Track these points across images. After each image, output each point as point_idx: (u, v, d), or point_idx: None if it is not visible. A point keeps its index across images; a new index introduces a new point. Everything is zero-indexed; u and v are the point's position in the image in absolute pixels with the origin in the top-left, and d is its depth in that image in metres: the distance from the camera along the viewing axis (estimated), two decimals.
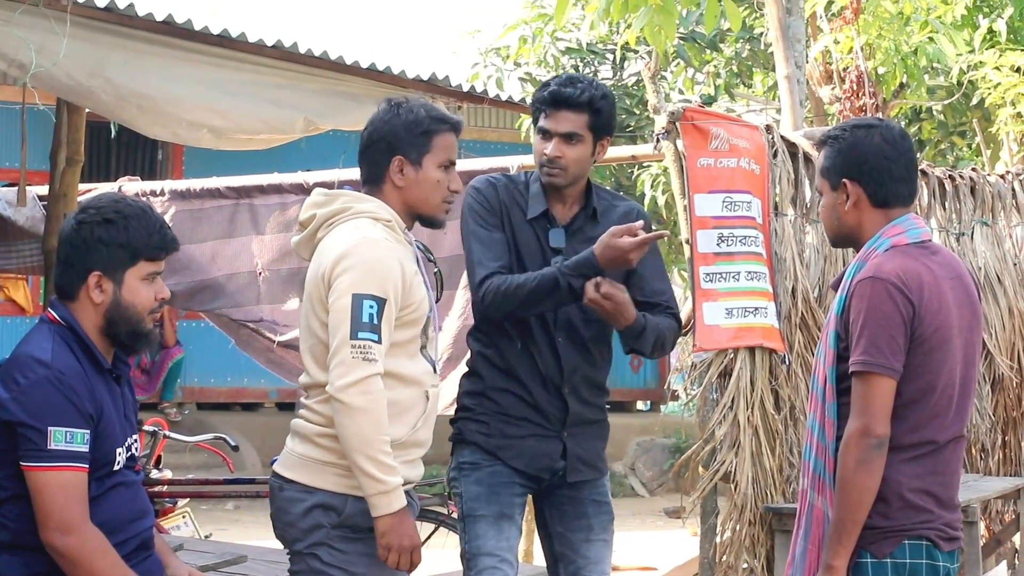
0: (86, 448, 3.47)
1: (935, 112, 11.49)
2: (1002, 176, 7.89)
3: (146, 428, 7.18)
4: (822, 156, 3.81)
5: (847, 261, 5.47)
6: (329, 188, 4.06)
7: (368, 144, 3.98)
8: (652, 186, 11.08)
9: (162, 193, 8.05)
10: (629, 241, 4.15)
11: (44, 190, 8.10)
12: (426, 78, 7.22)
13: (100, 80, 6.14)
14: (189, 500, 7.79)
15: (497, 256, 4.30)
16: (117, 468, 3.59)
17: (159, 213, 3.73)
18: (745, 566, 6.02)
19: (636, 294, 4.38)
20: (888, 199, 3.73)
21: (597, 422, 4.46)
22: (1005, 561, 7.87)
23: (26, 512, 3.46)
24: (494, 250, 4.30)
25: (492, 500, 4.30)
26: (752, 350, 6.00)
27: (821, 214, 3.86)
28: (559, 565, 4.42)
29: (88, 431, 3.47)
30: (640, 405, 17.21)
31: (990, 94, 9.41)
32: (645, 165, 11.02)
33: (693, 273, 5.99)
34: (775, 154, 6.29)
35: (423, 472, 4.04)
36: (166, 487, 7.40)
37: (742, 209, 6.03)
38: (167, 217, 7.50)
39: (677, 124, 6.05)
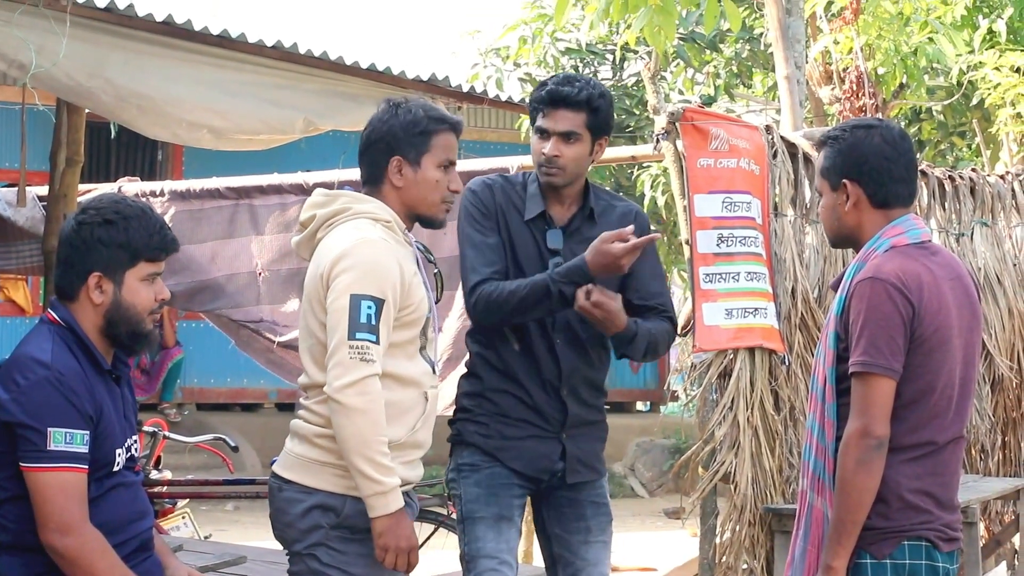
0: (86, 449, 3.46)
1: (935, 112, 11.49)
2: (1002, 177, 7.89)
3: (146, 429, 7.18)
4: (822, 156, 3.81)
5: (847, 262, 5.47)
6: (329, 189, 4.06)
7: (367, 145, 3.98)
8: (652, 187, 11.08)
9: (162, 193, 8.06)
10: (620, 247, 4.14)
11: (44, 190, 8.10)
12: (426, 78, 7.22)
13: (100, 80, 6.14)
14: (189, 501, 7.79)
15: (490, 261, 4.28)
16: (117, 469, 3.59)
17: (159, 214, 3.73)
18: (745, 567, 6.01)
19: (631, 296, 4.38)
20: (888, 200, 3.73)
21: (596, 423, 4.45)
22: (1005, 562, 7.87)
23: (26, 513, 3.46)
24: (487, 255, 4.29)
25: (491, 502, 4.29)
26: (752, 351, 6.00)
27: (821, 214, 3.86)
28: (557, 567, 4.41)
29: (88, 432, 3.47)
30: (640, 406, 17.21)
31: (990, 94, 9.40)
32: (645, 165, 11.02)
33: (693, 274, 5.99)
34: (775, 155, 6.29)
35: (422, 473, 4.03)
36: (166, 488, 7.40)
37: (742, 210, 6.03)
38: (167, 217, 7.50)
39: (677, 124, 6.04)
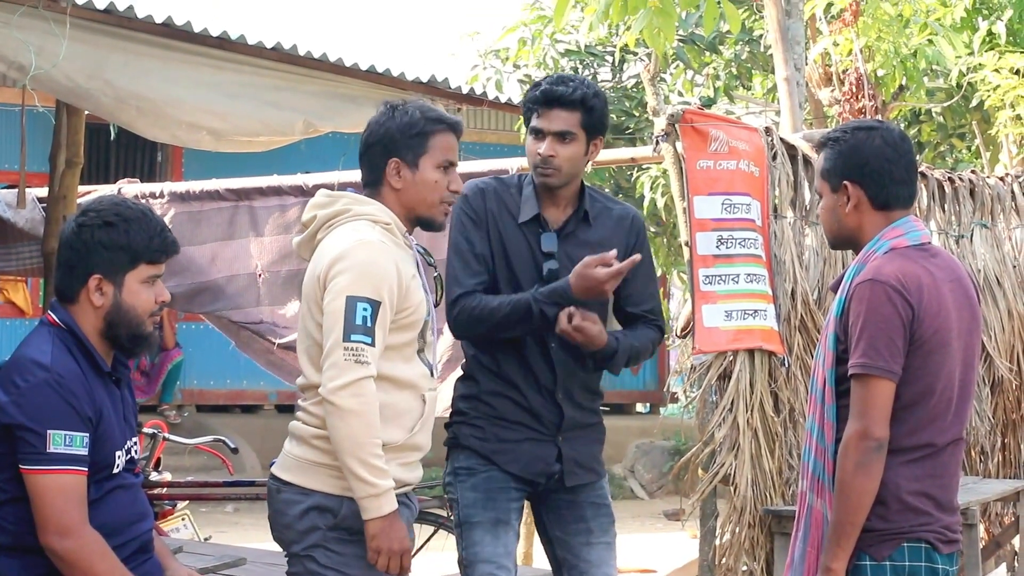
0: (85, 451, 3.46)
1: (934, 114, 11.49)
2: (1001, 178, 7.90)
3: (145, 430, 7.17)
4: (822, 158, 3.80)
5: (846, 263, 5.47)
6: (330, 190, 4.06)
7: (366, 147, 3.98)
8: (651, 188, 11.07)
9: (161, 195, 8.06)
10: (604, 272, 4.14)
11: (44, 192, 8.10)
12: (425, 80, 7.22)
13: (99, 82, 6.14)
14: (188, 502, 7.78)
15: (475, 272, 4.27)
16: (116, 471, 3.59)
17: (159, 216, 3.73)
18: (745, 568, 6.01)
19: (624, 303, 4.39)
20: (889, 201, 3.73)
21: (592, 425, 4.44)
22: (1005, 563, 7.87)
23: (26, 515, 3.46)
24: (472, 266, 4.28)
25: (488, 506, 4.28)
26: (751, 352, 6.00)
27: (821, 216, 3.85)
28: (562, 570, 4.39)
29: (87, 434, 3.47)
30: (639, 407, 17.21)
31: (989, 96, 9.41)
32: (644, 167, 11.01)
33: (692, 275, 5.99)
34: (774, 156, 6.29)
35: (422, 474, 4.02)
36: (165, 489, 7.39)
37: (741, 211, 6.03)
38: (166, 219, 7.47)
39: (676, 126, 6.05)
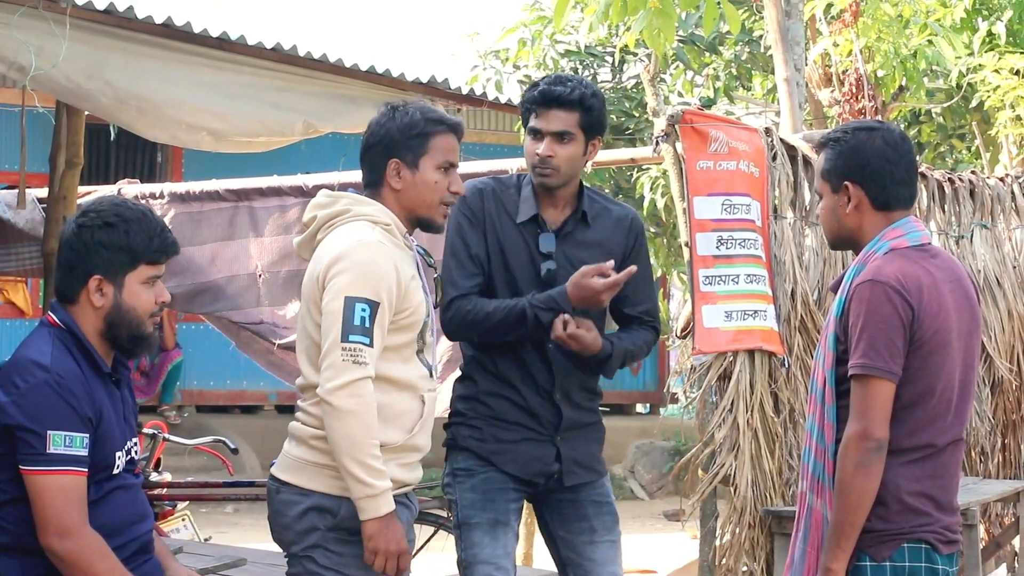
0: (85, 452, 3.47)
1: (934, 115, 11.49)
2: (1001, 179, 7.89)
3: (145, 431, 7.17)
4: (822, 158, 3.80)
5: (846, 264, 5.46)
6: (331, 191, 4.06)
7: (366, 148, 3.98)
8: (651, 189, 11.07)
9: (161, 196, 8.06)
10: (601, 282, 4.15)
11: (43, 192, 8.10)
12: (425, 80, 7.22)
13: (99, 82, 6.13)
14: (188, 503, 7.78)
15: (470, 274, 4.28)
16: (116, 472, 3.59)
17: (159, 216, 3.73)
18: (745, 569, 6.01)
19: (621, 305, 4.39)
20: (889, 202, 3.73)
21: (590, 425, 4.44)
22: (1005, 564, 7.87)
23: (25, 515, 3.46)
24: (468, 267, 4.29)
25: (487, 507, 4.28)
26: (751, 353, 6.00)
27: (821, 216, 3.85)
28: (568, 569, 4.38)
29: (87, 435, 3.47)
30: (639, 408, 17.21)
31: (989, 97, 9.40)
32: (644, 168, 11.00)
33: (692, 276, 5.99)
34: (774, 157, 6.29)
35: (421, 475, 4.02)
36: (165, 490, 7.39)
37: (741, 212, 6.03)
38: (166, 220, 7.49)
39: (676, 127, 6.04)
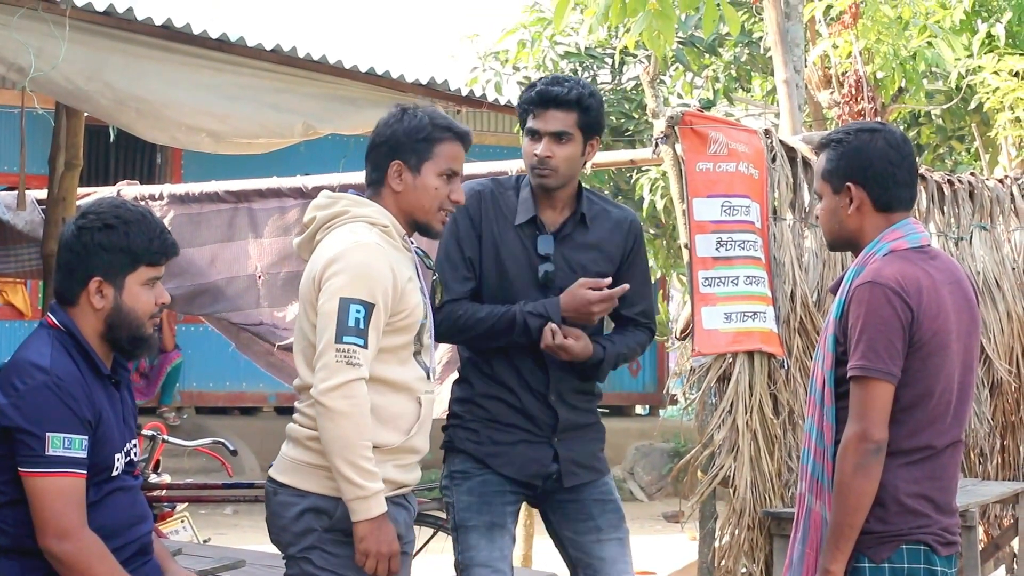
0: (84, 454, 3.47)
1: (934, 116, 11.48)
2: (1001, 180, 7.90)
3: (145, 432, 7.17)
4: (823, 159, 3.79)
5: (845, 265, 5.47)
6: (331, 192, 4.06)
7: (371, 146, 3.99)
8: (651, 190, 11.07)
9: (161, 197, 8.05)
10: (595, 294, 4.18)
11: (43, 194, 8.09)
12: (425, 82, 7.20)
13: (99, 84, 6.13)
14: (188, 504, 7.76)
15: (463, 279, 4.30)
16: (116, 473, 3.59)
17: (159, 217, 3.73)
18: (744, 570, 6.01)
19: (617, 306, 4.38)
20: (891, 203, 3.73)
21: (589, 425, 4.43)
22: (1004, 566, 7.87)
23: (24, 517, 3.46)
24: (461, 271, 4.30)
25: (483, 510, 4.28)
26: (751, 354, 6.00)
27: (820, 217, 3.84)
28: (578, 570, 4.38)
29: (86, 437, 3.47)
30: (639, 409, 17.21)
31: (989, 98, 9.40)
32: (644, 169, 11.01)
33: (692, 278, 5.99)
34: (774, 158, 6.28)
35: (420, 476, 4.02)
36: (165, 491, 7.38)
37: (741, 213, 6.02)
38: (166, 221, 7.47)
39: (676, 128, 6.04)
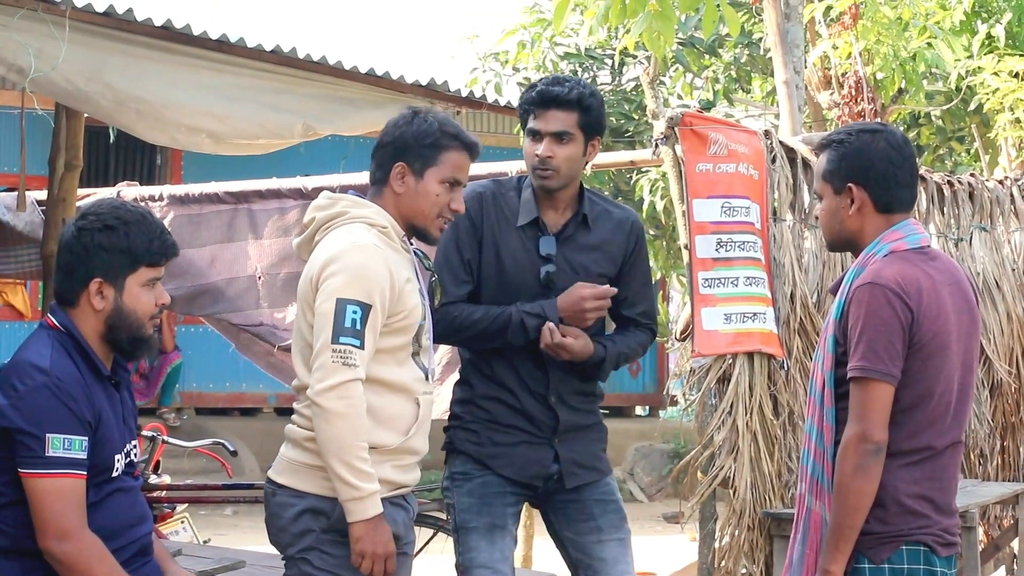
0: (84, 455, 3.47)
1: (934, 117, 11.49)
2: (1000, 181, 7.90)
3: (144, 433, 7.17)
4: (824, 159, 3.79)
5: (845, 266, 5.46)
6: (331, 192, 4.06)
7: (379, 145, 4.00)
8: (651, 191, 11.08)
9: (161, 198, 8.05)
10: (589, 290, 4.20)
11: (43, 195, 8.09)
12: (425, 83, 7.20)
13: (99, 85, 6.13)
14: (188, 505, 7.77)
15: (461, 281, 4.30)
16: (116, 474, 3.59)
17: (158, 218, 3.73)
18: (744, 571, 6.01)
19: (620, 306, 4.40)
20: (892, 204, 3.73)
21: (590, 426, 4.43)
22: (1004, 567, 7.87)
23: (24, 518, 3.46)
24: (459, 274, 4.30)
25: (484, 511, 4.28)
26: (751, 355, 6.00)
27: (821, 217, 3.84)
28: (579, 571, 4.37)
29: (86, 438, 3.47)
30: (639, 410, 17.22)
31: (988, 99, 9.40)
32: (644, 170, 11.01)
33: (692, 278, 5.98)
34: (774, 159, 6.28)
35: (419, 476, 4.01)
36: (165, 492, 7.38)
37: (741, 214, 6.02)
38: (166, 222, 7.48)
39: (676, 129, 6.04)
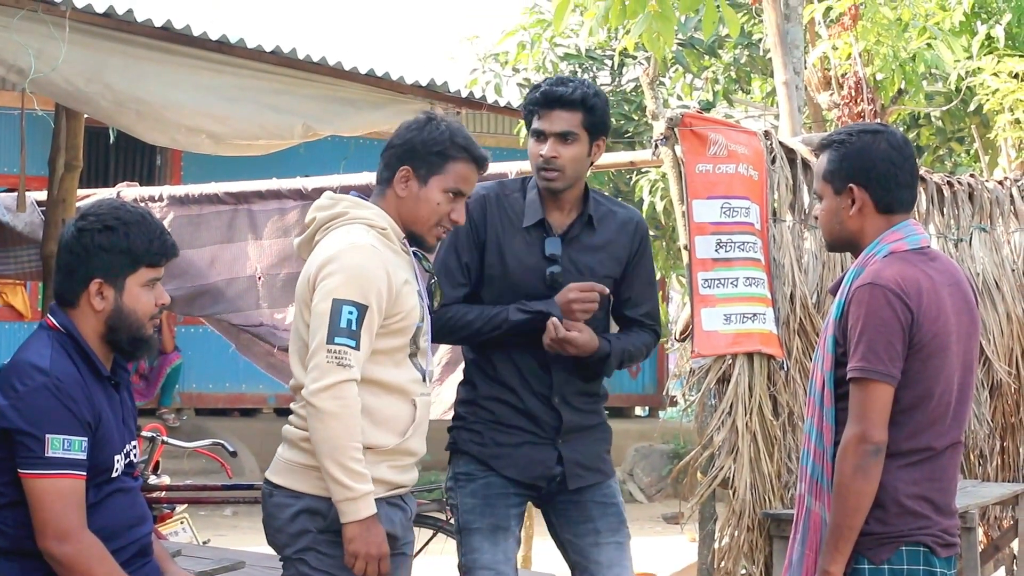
0: (84, 456, 3.47)
1: (933, 118, 11.50)
2: (1000, 182, 7.90)
3: (144, 434, 7.17)
4: (825, 160, 3.78)
5: (845, 267, 5.47)
6: (333, 193, 4.06)
7: (388, 146, 4.00)
8: (650, 192, 11.09)
9: (160, 199, 8.06)
10: (576, 284, 4.20)
11: (43, 196, 8.10)
12: (425, 83, 7.19)
13: (99, 86, 6.13)
14: (187, 506, 7.77)
15: (456, 285, 4.30)
16: (115, 475, 3.59)
17: (158, 219, 3.73)
18: (743, 572, 6.01)
19: (623, 307, 4.41)
20: (892, 205, 3.72)
21: (594, 427, 4.41)
22: (1004, 567, 7.87)
23: (24, 519, 3.46)
24: (456, 278, 4.31)
25: (487, 512, 4.27)
26: (750, 356, 6.00)
27: (821, 218, 3.83)
28: (576, 573, 4.37)
29: (86, 439, 3.47)
30: (639, 411, 17.22)
31: (988, 100, 9.41)
32: (644, 171, 11.03)
33: (691, 279, 5.99)
34: (773, 160, 6.28)
35: (417, 477, 4.01)
36: (164, 493, 7.38)
37: (740, 215, 6.02)
38: (166, 223, 7.48)
39: (676, 130, 6.04)
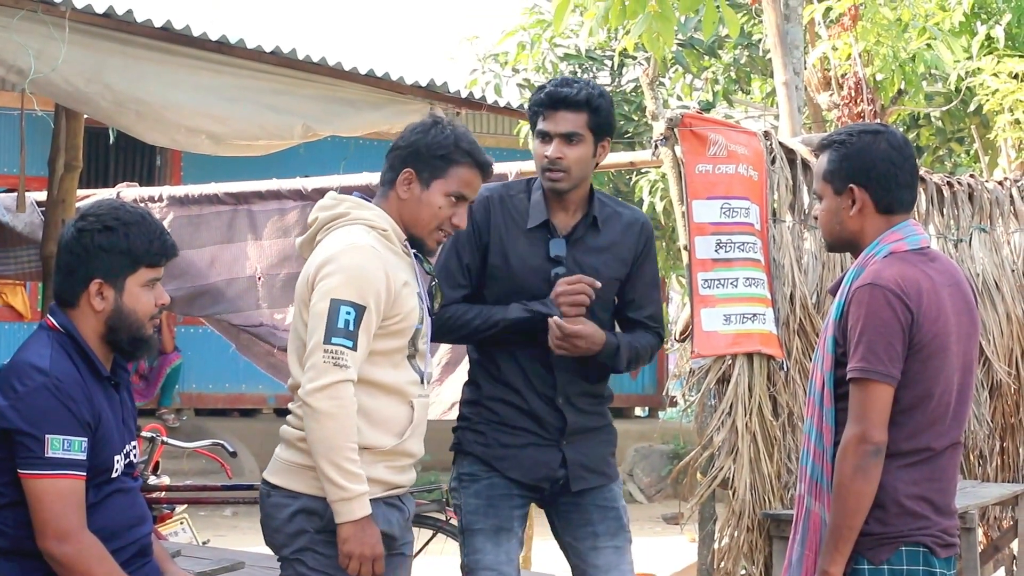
0: (84, 456, 3.47)
1: (933, 119, 11.50)
2: (1000, 182, 7.90)
3: (144, 434, 7.17)
4: (825, 160, 3.78)
5: (845, 267, 5.47)
6: (336, 193, 4.06)
7: (393, 147, 4.00)
8: (650, 192, 11.09)
9: (160, 199, 8.06)
10: (565, 279, 4.20)
11: (43, 196, 8.10)
12: (424, 84, 7.19)
13: (98, 86, 6.13)
14: (187, 506, 7.77)
15: (456, 286, 4.31)
16: (115, 475, 3.59)
17: (158, 219, 3.73)
18: (743, 572, 6.01)
19: (627, 308, 4.40)
20: (892, 205, 3.72)
21: (599, 428, 4.41)
22: (1003, 568, 7.87)
23: (24, 519, 3.46)
24: (456, 279, 4.32)
25: (490, 513, 4.28)
26: (750, 356, 6.00)
27: (820, 218, 3.83)
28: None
29: (86, 439, 3.47)
30: (638, 411, 17.23)
31: (988, 100, 9.42)
32: (643, 171, 11.03)
33: (691, 279, 5.99)
34: (773, 160, 6.29)
35: (415, 477, 4.01)
36: (164, 493, 7.38)
37: (740, 215, 6.03)
38: (166, 223, 7.49)
39: (675, 130, 6.04)
